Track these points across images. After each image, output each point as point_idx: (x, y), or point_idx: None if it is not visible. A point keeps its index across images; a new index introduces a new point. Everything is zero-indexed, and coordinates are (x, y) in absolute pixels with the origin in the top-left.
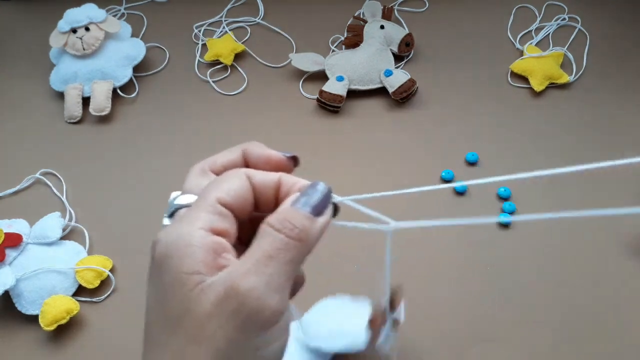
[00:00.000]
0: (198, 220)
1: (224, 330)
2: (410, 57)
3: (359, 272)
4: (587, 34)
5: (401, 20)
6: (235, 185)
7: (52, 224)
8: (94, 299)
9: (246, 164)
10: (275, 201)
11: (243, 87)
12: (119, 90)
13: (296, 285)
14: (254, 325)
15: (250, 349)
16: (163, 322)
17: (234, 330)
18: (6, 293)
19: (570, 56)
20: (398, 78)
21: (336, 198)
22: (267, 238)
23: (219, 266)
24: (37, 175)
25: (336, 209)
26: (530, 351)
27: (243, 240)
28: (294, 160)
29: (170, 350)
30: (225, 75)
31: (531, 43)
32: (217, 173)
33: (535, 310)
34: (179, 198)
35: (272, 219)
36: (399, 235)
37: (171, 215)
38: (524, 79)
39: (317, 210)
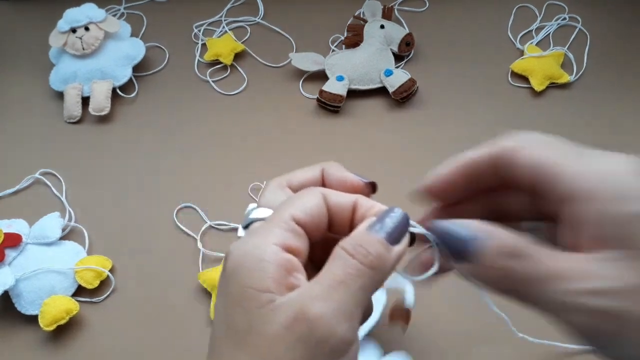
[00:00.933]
0: (271, 235)
1: (292, 354)
2: (410, 56)
3: None
4: (587, 33)
5: (401, 20)
6: (311, 203)
7: (52, 224)
8: (93, 299)
9: (323, 183)
10: (350, 224)
11: (243, 87)
12: (118, 90)
13: (365, 314)
14: (322, 352)
15: None
16: (227, 335)
17: (302, 354)
18: (6, 293)
19: (571, 56)
20: (398, 78)
21: (415, 227)
22: (339, 262)
23: (289, 285)
24: (37, 175)
25: (413, 238)
26: (530, 351)
27: (314, 260)
28: (372, 187)
29: None
30: (225, 75)
31: (531, 43)
32: (295, 190)
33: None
34: (255, 211)
35: (346, 242)
36: None
37: (246, 227)
38: (524, 78)
39: (393, 238)
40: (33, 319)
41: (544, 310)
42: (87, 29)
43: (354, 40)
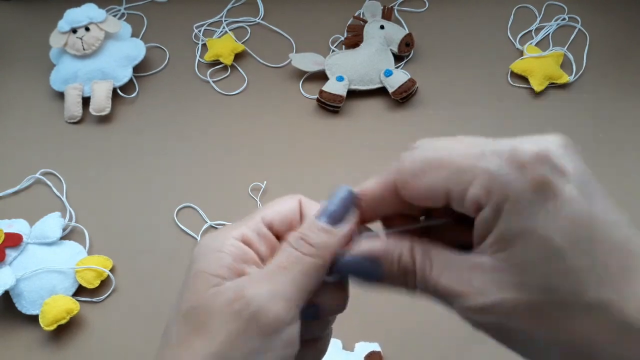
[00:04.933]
0: (234, 230)
1: (226, 328)
2: (410, 57)
3: None
4: (587, 34)
5: (401, 20)
6: (285, 207)
7: (52, 224)
8: (94, 299)
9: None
10: None
11: (243, 87)
12: (119, 90)
13: (330, 305)
14: (254, 327)
15: (248, 351)
16: (176, 312)
17: (235, 328)
18: (6, 293)
19: (570, 56)
20: (398, 78)
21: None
22: (283, 253)
23: (240, 273)
24: (37, 175)
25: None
26: None
27: None
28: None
29: (176, 337)
30: (226, 75)
31: (531, 43)
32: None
33: None
34: None
35: (291, 235)
36: None
37: None
38: (524, 79)
39: (335, 219)
40: (34, 319)
41: None
42: (87, 29)
43: (354, 40)
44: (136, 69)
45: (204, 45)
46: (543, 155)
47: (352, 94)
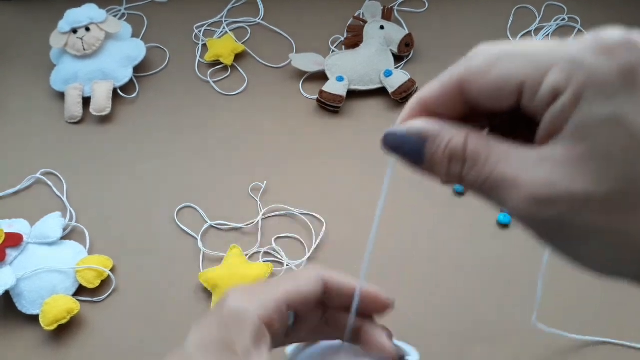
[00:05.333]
0: (262, 308)
1: None
2: (410, 57)
3: None
4: (586, 34)
5: (401, 20)
6: (309, 288)
7: (53, 223)
8: (94, 299)
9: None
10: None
11: (243, 87)
12: (119, 91)
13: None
14: None
15: None
16: (215, 342)
17: None
18: (7, 293)
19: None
20: (398, 78)
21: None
22: None
23: (257, 344)
24: (38, 175)
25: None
26: (530, 351)
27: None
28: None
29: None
30: (226, 76)
31: None
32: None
33: (535, 310)
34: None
35: None
36: (399, 233)
37: None
38: None
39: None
40: (34, 319)
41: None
42: (88, 29)
43: (353, 40)
44: (136, 69)
45: (204, 45)
46: (632, 42)
47: (352, 94)
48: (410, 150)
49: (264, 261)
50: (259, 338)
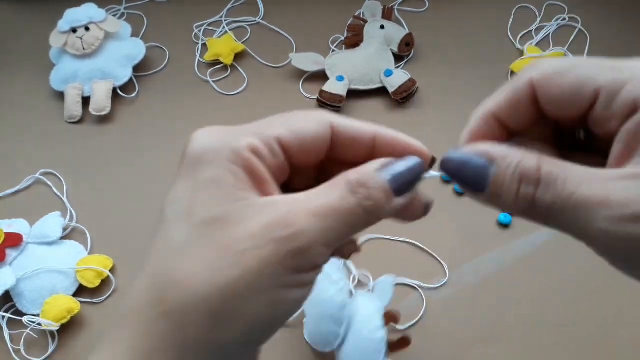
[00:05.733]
0: (244, 137)
1: (260, 252)
2: (410, 57)
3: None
4: (587, 34)
5: (401, 20)
6: (310, 131)
7: (53, 223)
8: (94, 299)
9: (331, 148)
10: (366, 159)
11: (243, 87)
12: (119, 90)
13: (349, 248)
14: (289, 264)
15: (279, 283)
16: (187, 220)
17: (271, 255)
18: (7, 293)
19: (571, 56)
20: (398, 78)
21: (431, 173)
22: (339, 191)
23: (265, 191)
24: (37, 175)
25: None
26: (530, 351)
27: (295, 189)
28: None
29: (193, 251)
30: (225, 75)
31: (531, 43)
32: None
33: (535, 310)
34: None
35: (351, 175)
36: (399, 232)
37: None
38: None
39: (399, 189)
40: (34, 319)
41: (576, 237)
42: (87, 29)
43: (354, 40)
44: (136, 68)
45: (204, 45)
46: None
47: (352, 94)
48: (473, 174)
49: None
50: (252, 176)
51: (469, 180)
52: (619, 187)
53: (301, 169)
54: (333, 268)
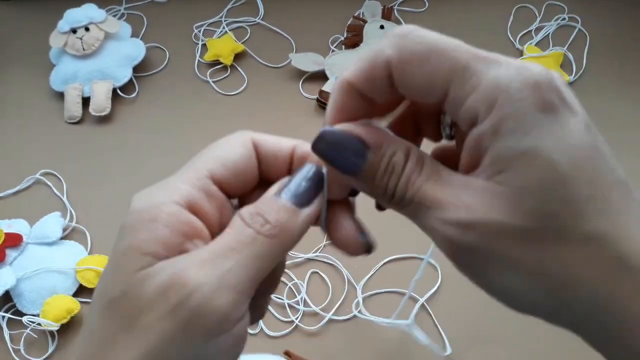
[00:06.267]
0: (176, 192)
1: (162, 325)
2: None
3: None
4: (587, 34)
5: (401, 20)
6: (235, 155)
7: (53, 223)
8: None
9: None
10: (288, 173)
11: (243, 87)
12: (119, 91)
13: (271, 287)
14: (197, 327)
15: (188, 356)
16: (100, 302)
17: (173, 327)
18: (7, 293)
19: (570, 56)
20: None
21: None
22: (234, 229)
23: (182, 251)
24: (37, 175)
25: (356, 191)
26: (530, 351)
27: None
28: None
29: (100, 335)
30: (225, 76)
31: (531, 43)
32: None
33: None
34: None
35: (244, 210)
36: (398, 235)
37: None
38: None
39: (302, 200)
40: (34, 319)
41: (422, 230)
42: (87, 29)
43: (353, 40)
44: (136, 69)
45: (204, 45)
46: (553, 83)
47: None
48: (349, 157)
49: None
50: (184, 235)
51: (339, 164)
52: (455, 192)
53: (245, 197)
54: None
